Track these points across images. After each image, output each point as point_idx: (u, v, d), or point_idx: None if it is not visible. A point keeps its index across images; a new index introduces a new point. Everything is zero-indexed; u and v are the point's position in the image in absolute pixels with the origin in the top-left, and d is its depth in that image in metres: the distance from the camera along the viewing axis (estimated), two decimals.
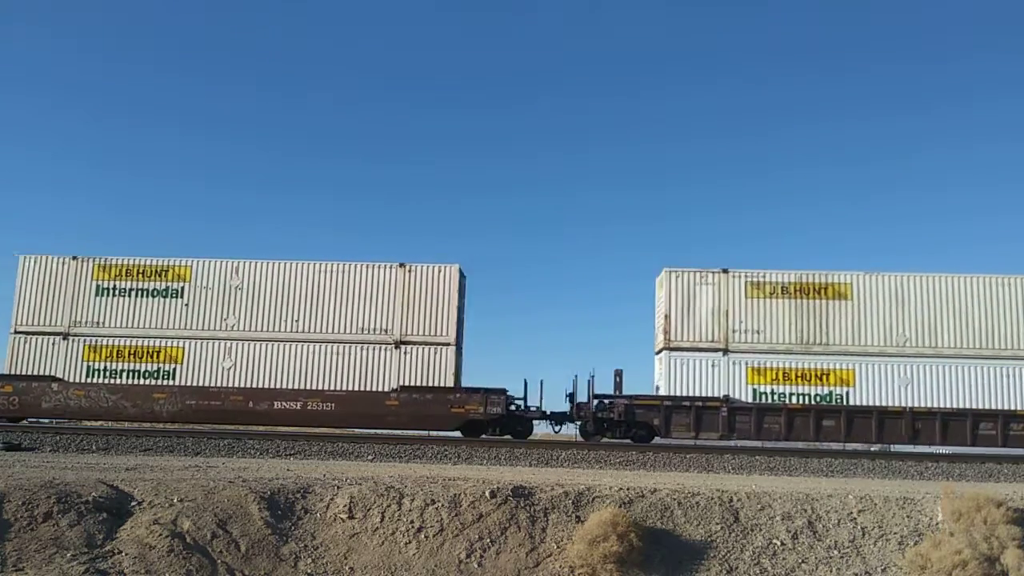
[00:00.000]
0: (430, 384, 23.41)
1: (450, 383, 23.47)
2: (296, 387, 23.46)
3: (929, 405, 22.47)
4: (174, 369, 23.86)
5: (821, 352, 23.04)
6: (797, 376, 22.90)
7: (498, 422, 23.28)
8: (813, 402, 22.71)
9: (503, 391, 23.42)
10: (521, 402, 23.81)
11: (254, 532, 10.09)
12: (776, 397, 22.85)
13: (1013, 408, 22.37)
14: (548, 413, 23.93)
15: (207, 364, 23.82)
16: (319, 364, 23.63)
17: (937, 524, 10.86)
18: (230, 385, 23.58)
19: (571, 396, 23.88)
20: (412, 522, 10.48)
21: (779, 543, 10.66)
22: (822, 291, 23.38)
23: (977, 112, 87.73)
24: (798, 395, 22.82)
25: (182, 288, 24.32)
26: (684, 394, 22.87)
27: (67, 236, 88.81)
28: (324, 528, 10.41)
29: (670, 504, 11.11)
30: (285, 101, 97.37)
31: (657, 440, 23.50)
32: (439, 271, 24.19)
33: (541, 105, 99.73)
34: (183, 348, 23.94)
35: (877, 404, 22.58)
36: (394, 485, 11.18)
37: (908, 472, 17.98)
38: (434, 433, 24.19)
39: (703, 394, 22.85)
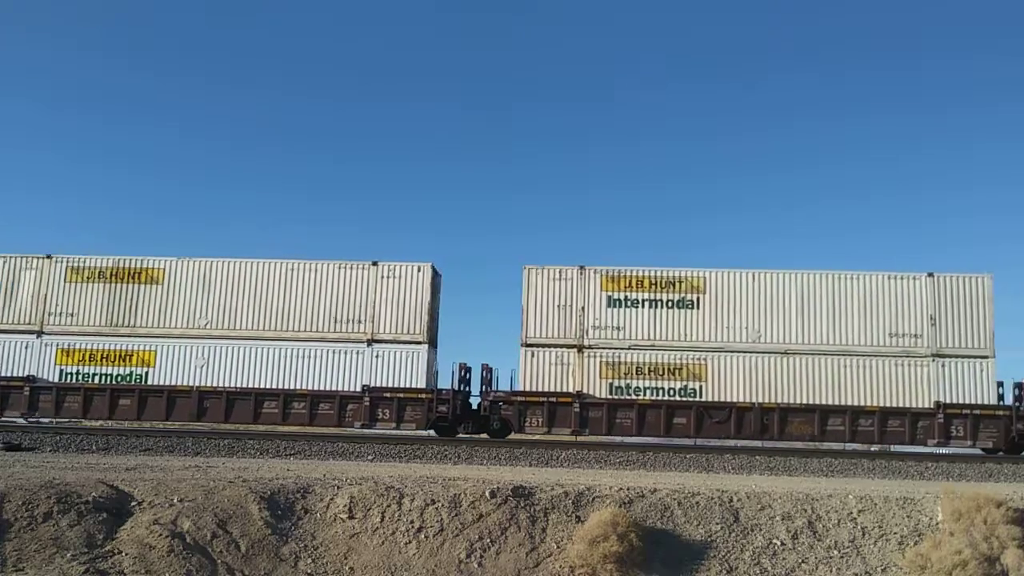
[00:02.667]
0: None
1: None
2: None
3: (216, 384, 23.28)
4: None
5: (128, 334, 24.02)
6: (101, 357, 23.96)
7: None
8: (113, 383, 23.63)
9: None
10: None
11: (254, 532, 10.10)
12: (81, 377, 23.84)
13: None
14: None
15: None
16: None
17: (937, 524, 10.86)
18: None
19: None
20: (412, 522, 10.49)
21: (779, 543, 10.66)
22: (136, 276, 24.38)
23: (979, 114, 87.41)
24: (101, 375, 23.84)
25: None
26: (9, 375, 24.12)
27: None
28: (324, 528, 10.41)
29: (670, 504, 11.11)
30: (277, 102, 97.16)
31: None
32: None
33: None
34: None
35: (170, 384, 23.42)
36: (394, 485, 11.19)
37: (908, 472, 17.97)
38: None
39: (14, 375, 23.95)
